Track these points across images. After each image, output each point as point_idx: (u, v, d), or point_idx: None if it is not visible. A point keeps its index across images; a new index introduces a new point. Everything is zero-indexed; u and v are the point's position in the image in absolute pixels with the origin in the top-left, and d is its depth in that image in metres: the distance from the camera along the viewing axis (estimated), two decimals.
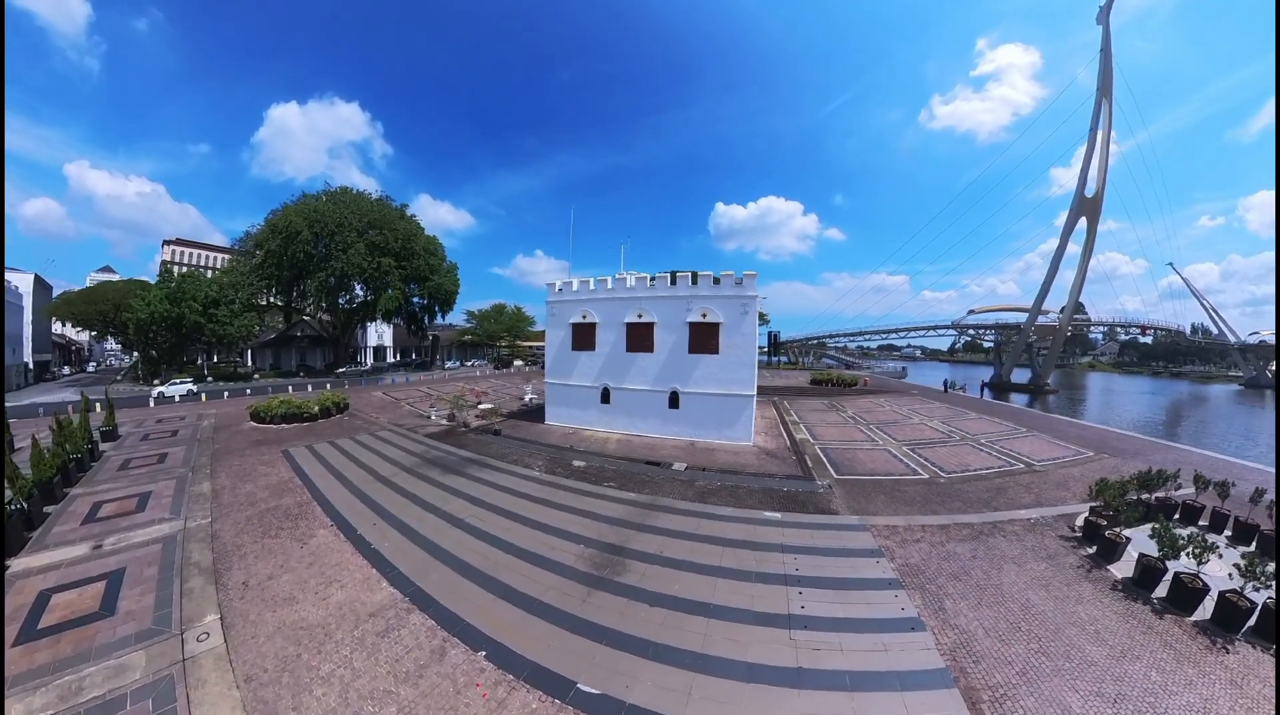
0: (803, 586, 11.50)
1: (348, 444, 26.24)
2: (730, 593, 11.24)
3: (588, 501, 17.65)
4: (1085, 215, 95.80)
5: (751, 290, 28.98)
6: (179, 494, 17.94)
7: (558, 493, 18.64)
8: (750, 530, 14.92)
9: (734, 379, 28.82)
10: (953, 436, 29.40)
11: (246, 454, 23.71)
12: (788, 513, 16.64)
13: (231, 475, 20.01)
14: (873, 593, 11.31)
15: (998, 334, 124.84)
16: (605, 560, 12.84)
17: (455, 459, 23.22)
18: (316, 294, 66.50)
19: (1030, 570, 12.36)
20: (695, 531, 14.94)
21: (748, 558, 12.97)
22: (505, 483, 19.82)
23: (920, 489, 19.46)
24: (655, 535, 14.58)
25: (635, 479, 20.74)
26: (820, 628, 9.90)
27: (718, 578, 11.93)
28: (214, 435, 27.93)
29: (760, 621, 10.14)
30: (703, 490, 18.99)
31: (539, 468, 22.37)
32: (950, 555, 13.19)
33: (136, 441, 26.86)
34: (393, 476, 20.53)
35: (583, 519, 15.88)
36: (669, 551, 13.44)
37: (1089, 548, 13.74)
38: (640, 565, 12.64)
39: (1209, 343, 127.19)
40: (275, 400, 32.11)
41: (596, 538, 14.31)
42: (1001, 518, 16.11)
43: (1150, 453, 25.19)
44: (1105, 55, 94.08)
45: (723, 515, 16.35)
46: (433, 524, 15.41)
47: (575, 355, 31.48)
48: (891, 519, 16.07)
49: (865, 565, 12.74)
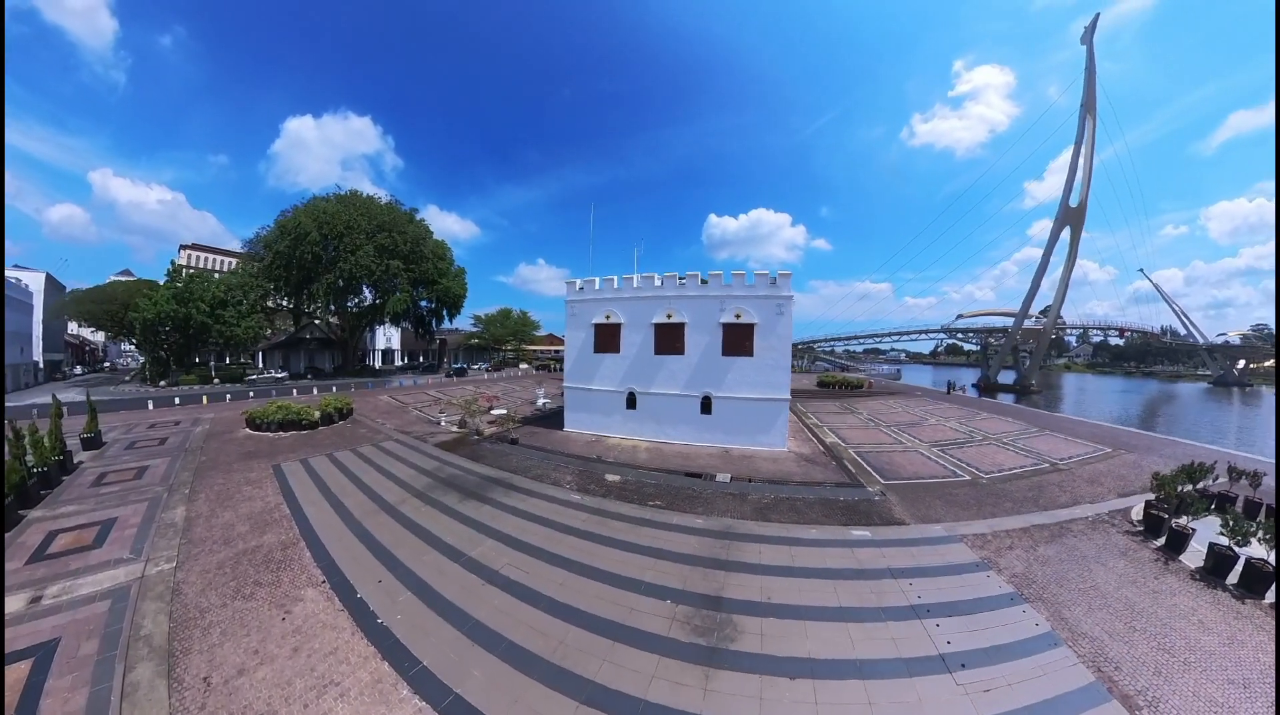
0: (936, 617, 9.76)
1: (348, 458, 21.92)
2: (869, 640, 9.05)
3: (649, 534, 13.74)
4: (1070, 224, 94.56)
5: (786, 290, 25.79)
6: (147, 523, 14.00)
7: (607, 524, 14.52)
8: (848, 554, 12.50)
9: (769, 382, 25.53)
10: (974, 436, 27.60)
11: (233, 469, 19.54)
12: (875, 529, 14.41)
13: (211, 498, 15.99)
14: (1002, 612, 10.00)
15: (980, 338, 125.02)
16: (707, 620, 9.48)
17: (474, 479, 18.96)
18: (324, 296, 62.30)
19: (1114, 568, 11.87)
20: (792, 564, 12.02)
21: (864, 591, 10.67)
22: (539, 511, 15.66)
23: (968, 491, 17.95)
24: (749, 574, 11.38)
25: (682, 495, 17.28)
26: (976, 663, 8.46)
27: (847, 622, 9.56)
28: (204, 444, 23.73)
29: (918, 670, 8.31)
30: (759, 505, 16.20)
31: (569, 485, 18.56)
32: (1043, 560, 12.29)
33: (120, 451, 22.81)
34: (400, 504, 16.03)
35: (654, 560, 12.10)
36: (776, 595, 10.45)
37: (1155, 540, 13.36)
38: (752, 621, 9.53)
39: (1178, 344, 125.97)
40: (272, 406, 27.79)
41: (682, 587, 10.74)
42: (1065, 517, 15.29)
43: (1162, 448, 24.41)
44: (1090, 74, 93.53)
45: (810, 538, 13.51)
46: (459, 580, 11.07)
47: (598, 358, 27.68)
48: (971, 526, 14.64)
49: (979, 582, 11.23)
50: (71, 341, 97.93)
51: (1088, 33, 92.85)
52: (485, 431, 27.33)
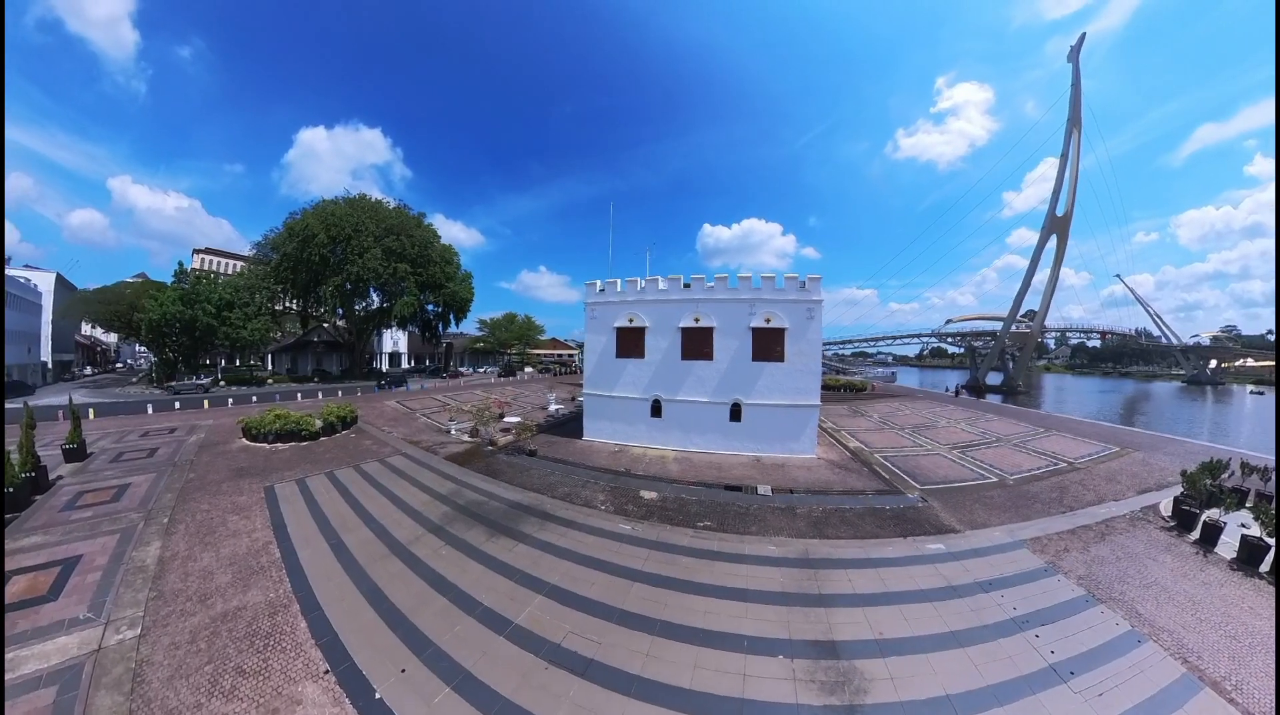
0: (1033, 628, 9.27)
1: (350, 478, 18.42)
2: (990, 663, 8.30)
3: (725, 571, 11.34)
4: (1056, 232, 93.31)
5: (816, 294, 23.60)
6: (115, 564, 11.14)
7: (674, 562, 11.72)
8: (933, 572, 11.52)
9: (799, 388, 23.30)
10: (986, 438, 26.68)
11: (221, 490, 16.40)
12: (946, 539, 13.41)
13: (191, 532, 12.91)
14: (1084, 615, 9.68)
15: (963, 341, 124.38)
16: (830, 673, 7.95)
17: (499, 506, 15.65)
18: (332, 299, 59.10)
19: (1164, 563, 11.84)
20: (887, 589, 10.74)
21: (964, 610, 9.84)
22: (587, 547, 12.56)
23: (999, 493, 17.43)
24: (849, 607, 9.90)
25: (729, 513, 15.31)
26: (1082, 669, 8.12)
27: (964, 648, 8.71)
28: (195, 457, 20.65)
29: (1039, 686, 7.79)
30: (812, 519, 14.92)
31: (604, 506, 15.95)
32: (1099, 560, 12.01)
33: (105, 463, 19.81)
34: (415, 543, 12.66)
35: (744, 605, 9.92)
36: (887, 629, 9.15)
37: (1189, 534, 13.36)
38: (875, 665, 8.15)
39: (1152, 345, 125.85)
40: (270, 414, 24.31)
41: (788, 636, 8.89)
42: (1103, 515, 15.00)
43: (1164, 446, 24.00)
44: (1075, 89, 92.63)
45: (891, 557, 12.23)
46: (512, 662, 8.03)
47: (620, 363, 24.89)
48: (1023, 529, 14.10)
49: (1053, 587, 10.79)
50: (83, 342, 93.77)
51: (1074, 51, 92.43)
52: (499, 441, 24.47)
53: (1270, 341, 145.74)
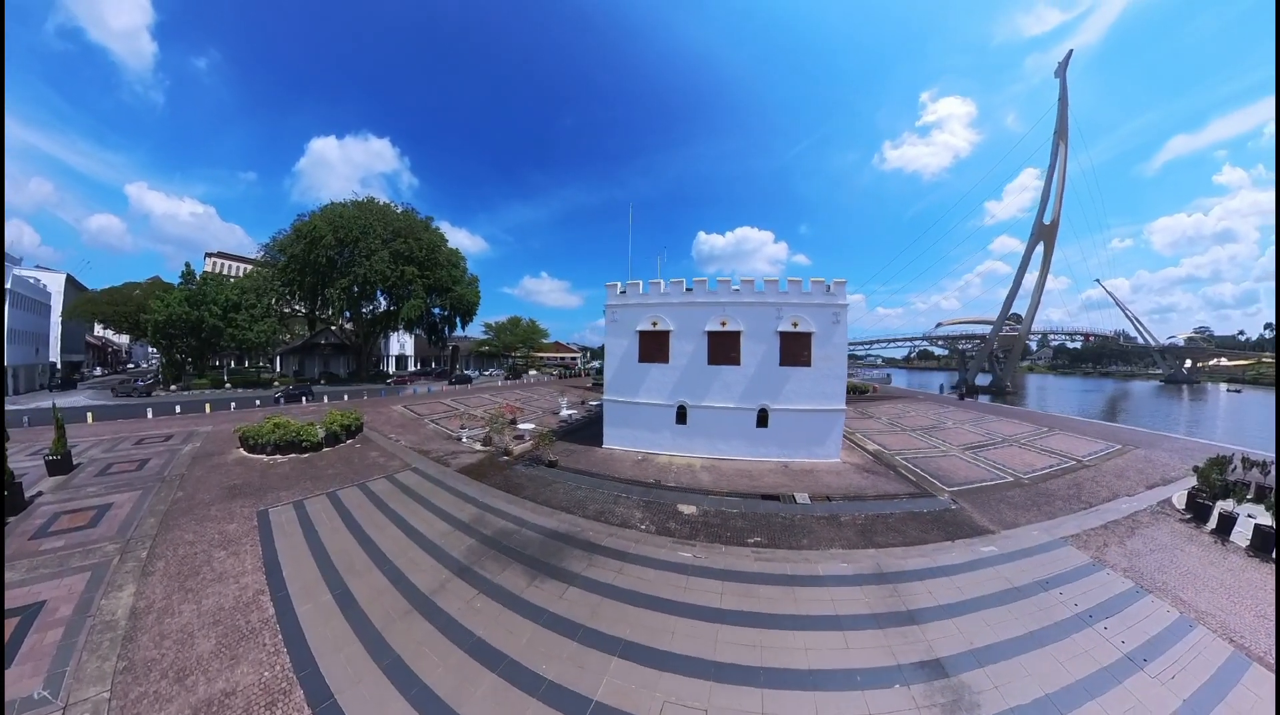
0: (1098, 621, 9.01)
1: (355, 500, 15.58)
2: (1074, 659, 7.98)
3: (808, 597, 9.97)
4: (1043, 240, 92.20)
5: (842, 298, 21.91)
6: (80, 616, 8.89)
7: (753, 593, 10.05)
8: (997, 575, 11.08)
9: (825, 393, 21.53)
10: (994, 438, 25.73)
11: (209, 516, 13.75)
12: (997, 541, 12.91)
13: (171, 573, 10.47)
14: (1138, 606, 9.49)
15: (949, 344, 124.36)
16: (945, 693, 7.44)
17: (534, 535, 12.88)
18: (339, 301, 56.55)
19: (1191, 553, 11.81)
20: (964, 597, 10.07)
21: (1034, 610, 9.55)
22: (649, 585, 10.28)
23: (1019, 492, 16.98)
24: (938, 621, 9.24)
25: (775, 525, 13.94)
26: (1151, 656, 8.01)
27: (1045, 647, 8.33)
28: (187, 470, 18.20)
29: (1121, 675, 7.59)
30: (858, 527, 13.93)
31: (641, 522, 13.96)
32: (1135, 553, 11.89)
33: (89, 477, 17.43)
34: (442, 592, 9.89)
35: (843, 633, 8.86)
36: (976, 638, 8.70)
37: (1205, 525, 13.35)
38: (979, 676, 7.74)
39: (1131, 346, 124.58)
40: (269, 423, 21.43)
41: (895, 662, 8.15)
42: (1128, 510, 14.82)
43: (1162, 442, 23.68)
44: (1063, 103, 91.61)
45: (956, 564, 11.59)
46: None
47: (643, 368, 22.68)
48: (1057, 526, 13.75)
49: (1105, 580, 10.61)
50: (94, 343, 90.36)
51: (1061, 67, 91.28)
52: (515, 451, 22.17)
53: (1240, 341, 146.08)
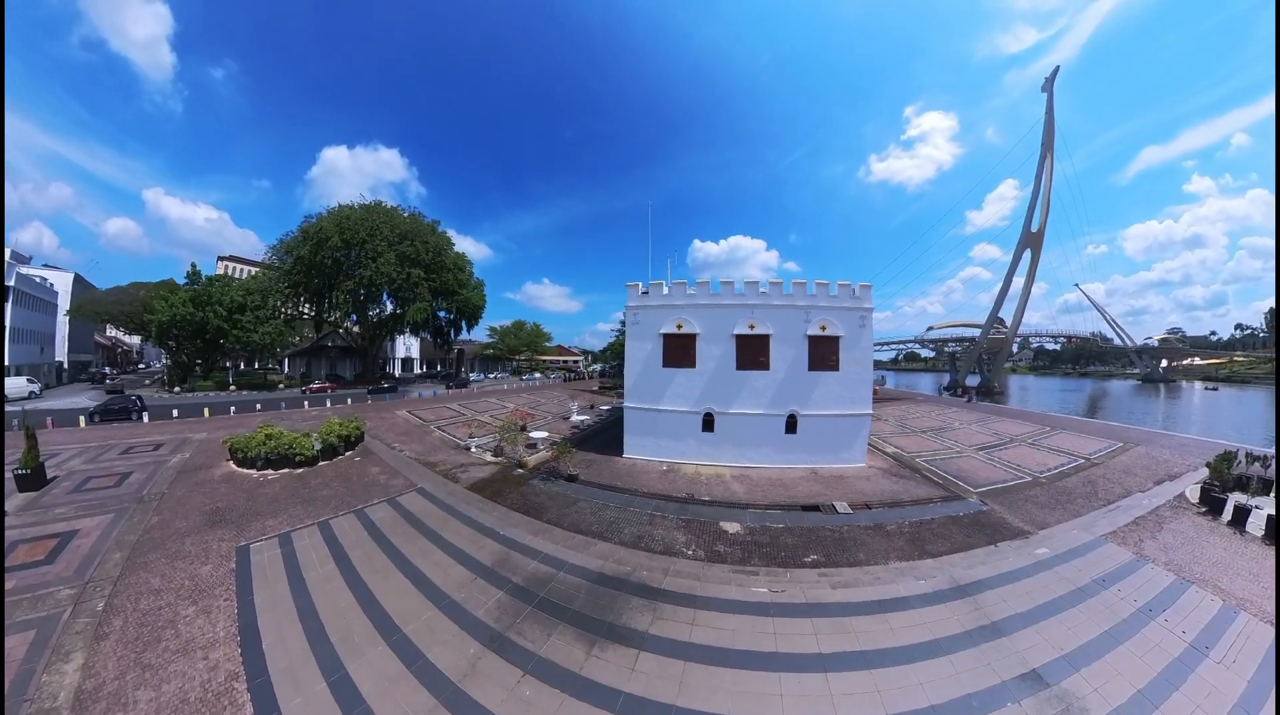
0: (1159, 615, 8.89)
1: (352, 535, 12.47)
2: (1150, 652, 7.89)
3: (901, 624, 8.90)
4: (1030, 247, 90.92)
5: (868, 302, 20.66)
6: (17, 697, 6.55)
7: (846, 628, 8.69)
8: (1059, 577, 10.44)
9: (853, 398, 20.24)
10: (1001, 438, 25.12)
11: (184, 551, 11.16)
12: (1049, 543, 12.30)
13: (129, 639, 7.93)
14: (1186, 597, 9.43)
15: (935, 347, 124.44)
16: (1055, 703, 6.83)
17: (577, 580, 10.24)
18: (345, 303, 53.84)
19: (1215, 544, 11.71)
20: (1038, 601, 9.43)
21: (1101, 610, 9.09)
22: (734, 636, 8.30)
23: (1041, 492, 16.55)
24: (1025, 630, 8.57)
25: (826, 539, 12.70)
26: (1210, 643, 8.04)
27: (1123, 644, 8.06)
28: (169, 488, 15.73)
29: (1191, 663, 7.56)
30: (905, 536, 13.03)
31: (686, 546, 12.27)
32: (1168, 547, 11.64)
33: (62, 495, 14.97)
34: (474, 677, 7.28)
35: (947, 660, 7.97)
36: (1064, 641, 8.22)
37: (1220, 517, 13.23)
38: (1077, 681, 7.23)
39: (1109, 347, 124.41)
40: (260, 433, 18.56)
41: (1000, 679, 7.45)
42: (1148, 505, 14.52)
43: (1159, 440, 23.44)
44: (1049, 117, 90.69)
45: (1018, 570, 10.91)
46: None
47: (668, 374, 20.54)
48: (1094, 523, 13.37)
49: (1151, 575, 10.35)
50: (104, 343, 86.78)
51: (1048, 82, 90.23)
52: (529, 462, 19.68)
53: (1212, 341, 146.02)
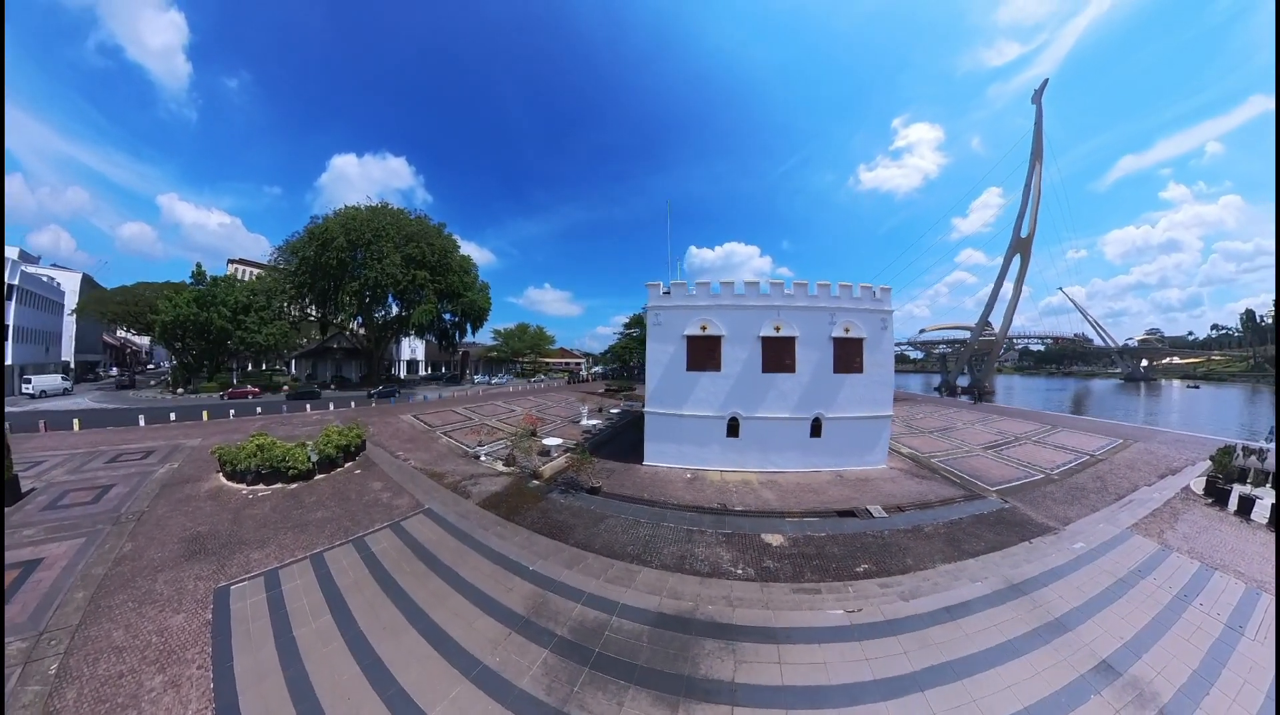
0: (1194, 600, 9.02)
1: (350, 574, 10.32)
2: (1195, 634, 8.05)
3: (976, 629, 8.47)
4: (1020, 252, 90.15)
5: (888, 304, 20.13)
6: None
7: (927, 641, 8.06)
8: (1099, 570, 10.30)
9: (875, 400, 19.56)
10: (1006, 437, 24.67)
11: (154, 593, 9.15)
12: (1082, 539, 11.84)
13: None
14: (1213, 583, 9.53)
15: (926, 348, 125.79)
16: (1129, 691, 6.96)
17: (632, 625, 8.46)
18: (350, 305, 51.93)
19: (1226, 532, 11.77)
20: (1089, 595, 9.26)
21: (1144, 599, 9.12)
22: (831, 671, 7.32)
23: (1055, 488, 16.33)
24: (1088, 623, 8.41)
25: (869, 546, 12.02)
26: (1242, 623, 8.20)
27: (1171, 629, 8.21)
28: (150, 506, 13.78)
29: (1230, 642, 7.77)
30: (942, 537, 12.46)
31: (731, 563, 11.12)
32: (1187, 536, 11.66)
33: (34, 512, 13.19)
34: None
35: (1027, 661, 7.57)
36: (1123, 631, 8.41)
37: (1226, 507, 13.28)
38: (1142, 669, 7.32)
39: (1091, 348, 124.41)
40: (250, 444, 16.22)
41: (1079, 673, 7.36)
42: (1162, 497, 14.43)
43: (1157, 436, 23.42)
44: (1038, 127, 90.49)
45: (1063, 565, 10.49)
46: None
47: (692, 377, 19.12)
48: (1115, 516, 13.25)
49: (1180, 563, 10.38)
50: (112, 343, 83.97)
51: (1037, 94, 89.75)
52: (544, 472, 17.86)
53: (1190, 341, 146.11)
